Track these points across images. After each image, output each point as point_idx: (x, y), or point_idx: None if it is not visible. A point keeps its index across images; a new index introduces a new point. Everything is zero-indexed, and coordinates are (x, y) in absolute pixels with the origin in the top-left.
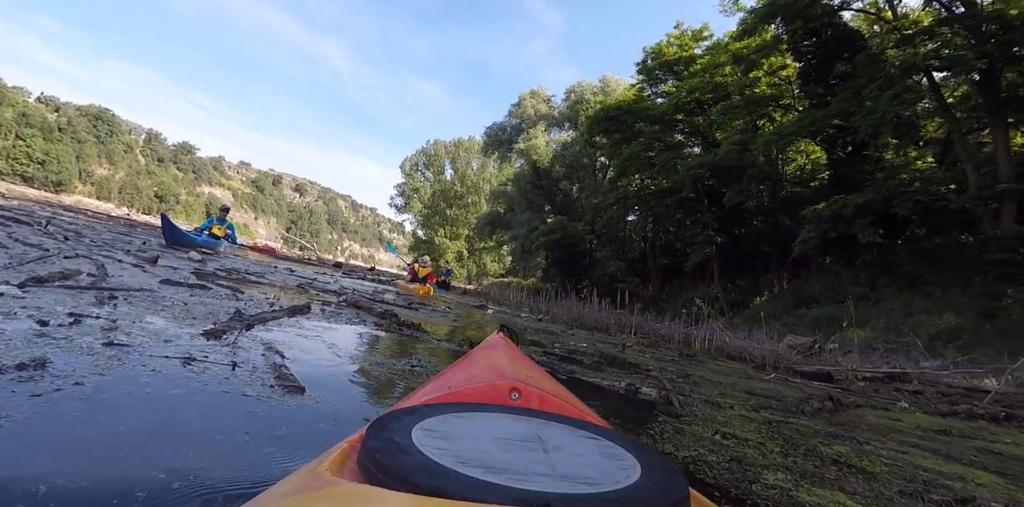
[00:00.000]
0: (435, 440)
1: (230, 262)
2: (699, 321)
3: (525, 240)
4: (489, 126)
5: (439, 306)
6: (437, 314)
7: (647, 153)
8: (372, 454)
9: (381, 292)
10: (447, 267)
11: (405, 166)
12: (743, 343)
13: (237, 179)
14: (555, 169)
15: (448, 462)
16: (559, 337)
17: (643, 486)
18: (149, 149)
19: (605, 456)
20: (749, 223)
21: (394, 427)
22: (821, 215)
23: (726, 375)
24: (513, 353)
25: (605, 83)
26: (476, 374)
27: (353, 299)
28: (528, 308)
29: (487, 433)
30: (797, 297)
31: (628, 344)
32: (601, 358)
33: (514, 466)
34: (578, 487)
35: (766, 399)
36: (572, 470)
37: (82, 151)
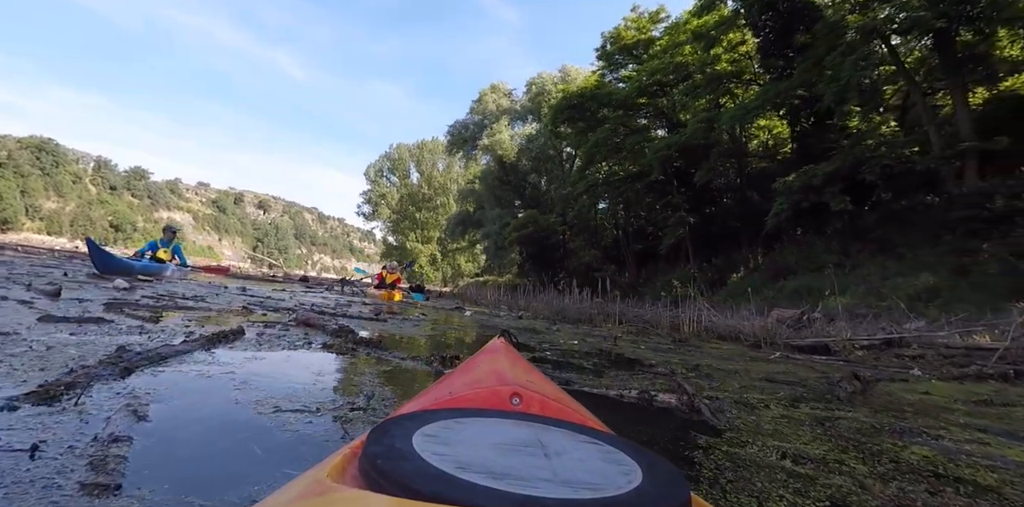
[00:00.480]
0: (436, 446)
1: (170, 287)
2: (679, 303)
3: (497, 237)
4: (451, 124)
5: (412, 314)
6: (409, 324)
7: (613, 139)
8: (373, 460)
9: (346, 304)
10: (420, 271)
11: (370, 172)
12: (731, 321)
13: (196, 201)
14: (522, 163)
15: (449, 468)
16: (545, 335)
17: (645, 490)
18: (100, 177)
19: (607, 461)
20: (719, 201)
21: (395, 433)
22: (792, 186)
23: (730, 359)
24: (514, 358)
25: (565, 73)
26: (477, 379)
27: (304, 317)
28: (507, 306)
29: (488, 438)
30: (774, 270)
31: (618, 335)
32: (599, 357)
33: (515, 471)
34: (580, 492)
35: (790, 387)
36: (574, 475)
37: (26, 185)
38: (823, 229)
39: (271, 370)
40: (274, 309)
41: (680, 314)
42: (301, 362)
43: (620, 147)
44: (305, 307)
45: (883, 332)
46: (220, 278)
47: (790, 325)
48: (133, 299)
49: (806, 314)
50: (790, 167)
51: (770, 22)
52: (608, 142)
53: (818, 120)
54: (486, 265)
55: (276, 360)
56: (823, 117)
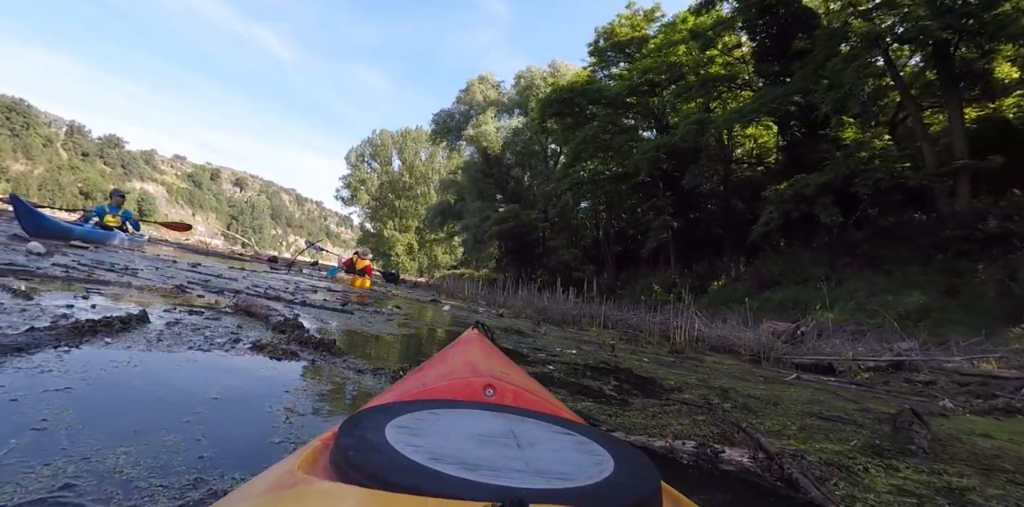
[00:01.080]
0: (409, 437)
1: (104, 256)
2: (658, 308)
3: (477, 230)
4: (437, 113)
5: (385, 305)
6: (380, 318)
7: (601, 136)
8: (345, 452)
9: (310, 290)
10: (397, 260)
11: (351, 157)
12: (723, 332)
13: (172, 174)
14: (506, 156)
15: (422, 459)
16: (534, 340)
17: (616, 480)
18: (72, 142)
19: (579, 451)
20: (703, 207)
21: (367, 424)
22: (783, 195)
23: (744, 379)
24: (488, 349)
25: (555, 68)
26: (450, 370)
27: (246, 303)
28: (485, 301)
29: (461, 430)
30: (758, 280)
31: (611, 342)
32: (609, 375)
33: (488, 462)
34: (552, 482)
35: (845, 426)
36: (546, 465)
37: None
38: (809, 241)
39: (135, 389)
40: (218, 290)
41: (671, 321)
42: (199, 375)
43: (608, 145)
44: (258, 290)
45: (890, 353)
46: (174, 252)
47: (785, 340)
48: (35, 267)
49: (800, 328)
50: (777, 176)
51: (767, 26)
52: (596, 139)
53: (810, 129)
54: (463, 258)
55: (162, 369)
56: (816, 126)
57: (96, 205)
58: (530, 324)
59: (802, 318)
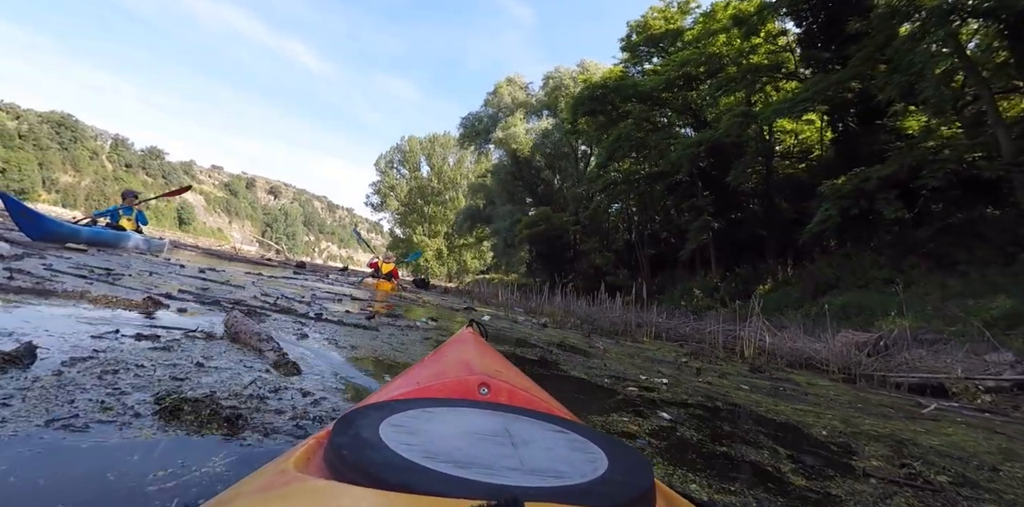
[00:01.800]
0: (403, 435)
1: (90, 259)
2: (698, 313)
3: (507, 234)
4: (465, 116)
5: (416, 315)
6: (414, 336)
7: (636, 134)
8: (339, 450)
9: (333, 298)
10: (426, 266)
11: (380, 163)
12: (798, 344)
13: (209, 183)
14: (535, 159)
15: (416, 457)
16: (601, 361)
17: (610, 478)
18: (116, 155)
19: (573, 449)
20: (744, 207)
21: (361, 423)
22: (841, 191)
23: (873, 412)
24: (482, 347)
25: (584, 68)
26: (445, 369)
27: (235, 323)
28: (521, 308)
29: (456, 428)
30: (813, 284)
31: (682, 359)
32: (747, 424)
33: (483, 460)
34: (546, 480)
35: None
36: (541, 464)
37: (44, 158)
38: (866, 241)
39: None
40: (212, 301)
41: (737, 331)
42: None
43: (643, 144)
44: (265, 300)
45: (1011, 371)
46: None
47: (869, 352)
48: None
49: (883, 339)
50: (827, 171)
51: (815, 10)
52: (630, 138)
53: (865, 120)
54: (493, 263)
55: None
56: (872, 116)
57: (110, 206)
58: (580, 336)
59: (870, 326)
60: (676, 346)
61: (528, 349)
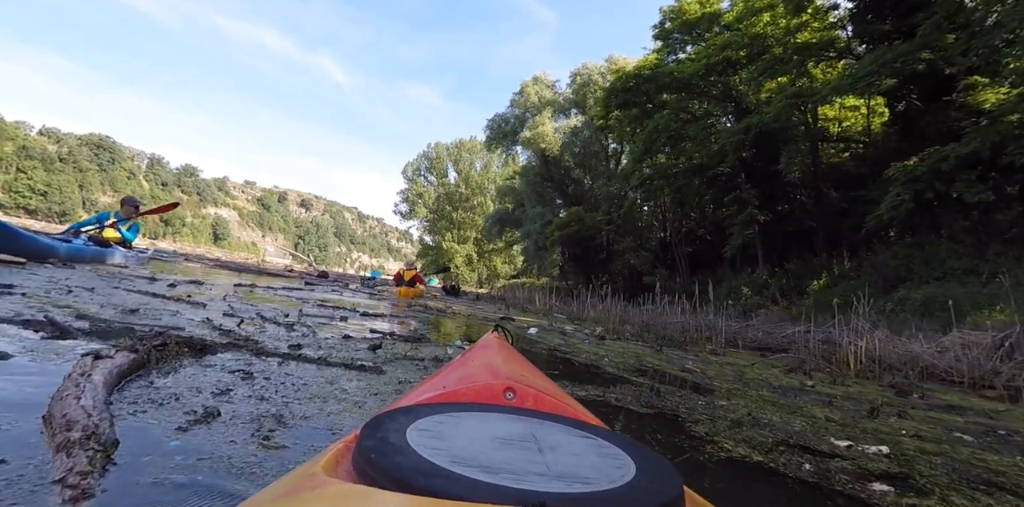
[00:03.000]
0: (430, 440)
1: (24, 276)
2: (747, 313)
3: (538, 236)
4: (491, 118)
5: (444, 334)
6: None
7: (672, 125)
8: (367, 454)
9: (336, 316)
10: (457, 272)
11: (407, 171)
12: (912, 347)
13: (242, 198)
14: (565, 158)
15: (443, 462)
16: (725, 399)
17: (638, 485)
18: (152, 174)
19: (600, 455)
20: (792, 198)
21: (389, 427)
22: (915, 173)
23: None
24: (507, 352)
25: (612, 62)
26: (471, 374)
27: (67, 392)
28: (564, 314)
29: (482, 433)
30: (882, 278)
31: (812, 383)
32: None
33: (509, 466)
34: (573, 486)
35: None
36: (567, 469)
37: (84, 180)
38: (936, 228)
39: None
40: (112, 331)
41: (839, 338)
42: None
43: (681, 135)
44: (221, 324)
45: None
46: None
47: (1002, 358)
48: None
49: (1008, 339)
50: (886, 156)
51: None
52: (669, 129)
53: (930, 97)
54: (523, 267)
55: None
56: (937, 93)
57: (101, 212)
58: (651, 351)
59: (960, 323)
60: (759, 357)
61: (617, 386)
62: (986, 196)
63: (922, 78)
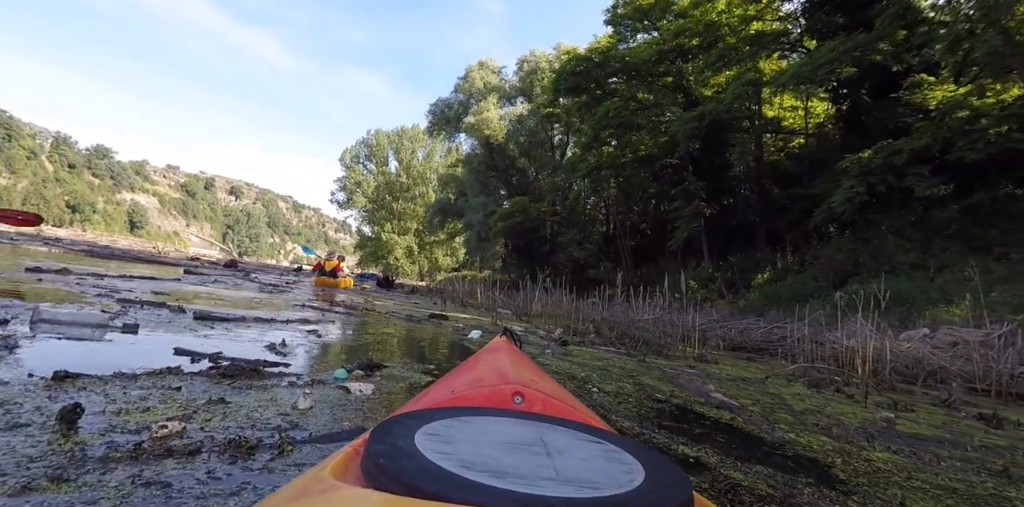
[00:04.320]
0: (438, 444)
1: None
2: (695, 306)
3: (481, 227)
4: (434, 103)
5: (332, 357)
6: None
7: (623, 112)
8: (375, 458)
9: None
10: (396, 264)
11: (345, 158)
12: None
13: (164, 184)
14: (510, 147)
15: (451, 466)
16: (810, 467)
17: (647, 489)
18: (57, 154)
19: (609, 460)
20: (736, 192)
21: (397, 432)
22: (869, 165)
23: None
24: (516, 356)
25: (561, 51)
26: (479, 378)
27: None
28: (509, 309)
29: (491, 437)
30: (829, 271)
31: (891, 416)
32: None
33: (518, 470)
34: (582, 491)
35: None
36: (576, 474)
37: None
38: (880, 224)
39: None
40: None
41: (846, 341)
42: None
43: (631, 123)
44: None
45: None
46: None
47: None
48: None
49: (1004, 336)
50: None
51: None
52: (619, 116)
53: (877, 93)
54: (465, 259)
55: None
56: (884, 89)
57: None
58: (633, 363)
59: (913, 317)
60: (747, 360)
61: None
62: (937, 190)
63: (870, 74)
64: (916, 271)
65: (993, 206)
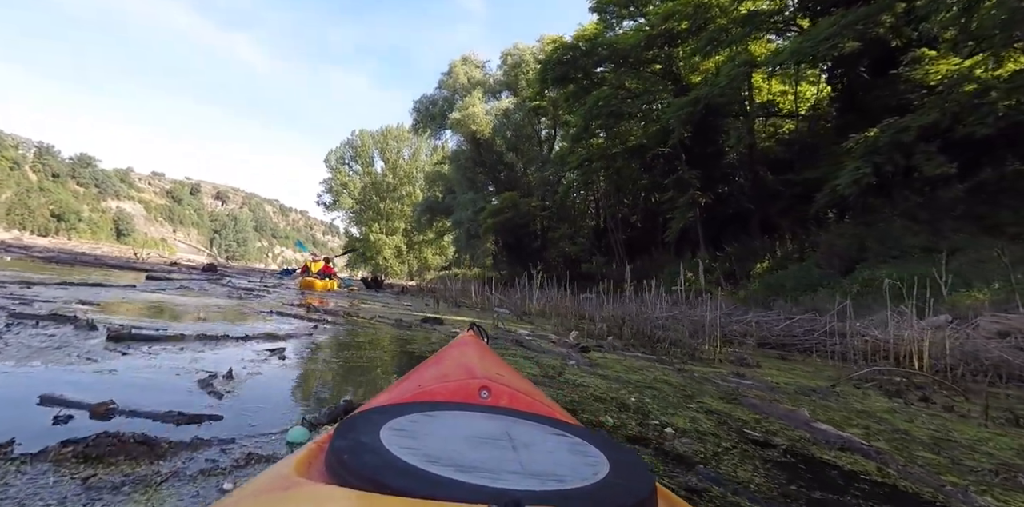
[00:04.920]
0: (404, 439)
1: None
2: (689, 298)
3: (470, 224)
4: (418, 100)
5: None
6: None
7: (612, 101)
8: (339, 454)
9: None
10: (385, 264)
11: (330, 159)
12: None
13: (149, 191)
14: (496, 142)
15: (417, 461)
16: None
17: (611, 482)
18: (41, 164)
19: (574, 453)
20: (731, 180)
21: (362, 427)
22: (876, 144)
23: None
24: (483, 351)
25: (545, 43)
26: (446, 372)
27: None
28: (507, 309)
29: (457, 432)
30: (833, 257)
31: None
32: None
33: (484, 464)
34: (547, 484)
35: None
36: (541, 467)
37: None
38: (882, 207)
39: None
40: None
41: (861, 329)
42: None
43: (621, 113)
44: None
45: None
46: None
47: None
48: None
49: None
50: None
51: None
52: (609, 104)
53: (876, 70)
54: (454, 257)
55: None
56: (883, 66)
57: None
58: (674, 373)
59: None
60: (795, 364)
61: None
62: (947, 169)
63: (869, 51)
64: (928, 255)
65: (1000, 183)
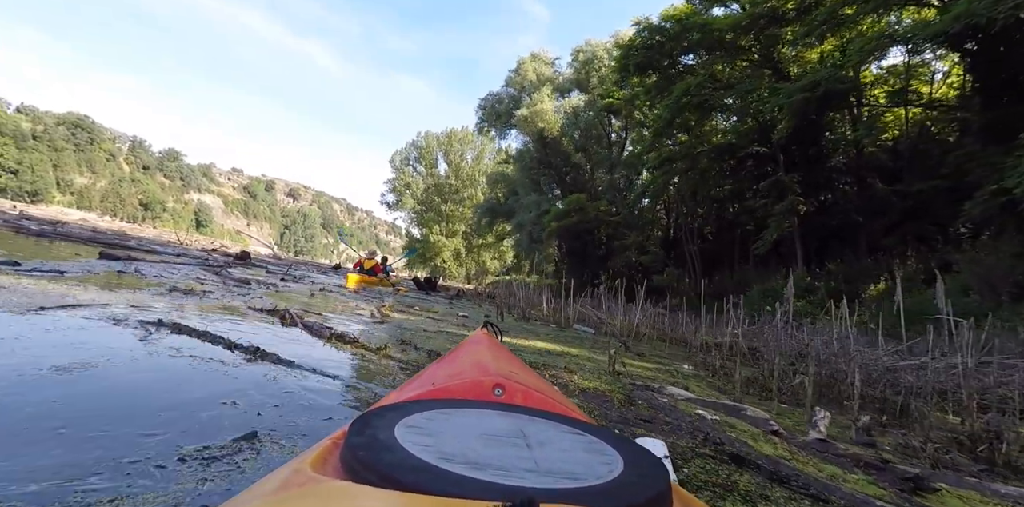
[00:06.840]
0: (419, 437)
1: None
2: (789, 321)
3: (533, 227)
4: (483, 97)
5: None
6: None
7: (702, 92)
8: (355, 451)
9: None
10: (444, 266)
11: (395, 160)
12: None
13: (228, 186)
14: (564, 142)
15: (431, 458)
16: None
17: (626, 480)
18: (133, 156)
19: (589, 451)
20: (835, 186)
21: (377, 424)
22: None
23: None
24: (497, 349)
25: (619, 39)
26: (460, 370)
27: None
28: (591, 328)
29: (471, 429)
30: (983, 282)
31: None
32: None
33: (498, 462)
34: (561, 482)
35: None
36: (556, 465)
37: (59, 160)
38: None
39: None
40: None
41: None
42: None
43: (710, 105)
44: None
45: None
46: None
47: None
48: None
49: None
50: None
51: None
52: (700, 95)
53: None
54: (513, 263)
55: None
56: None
57: None
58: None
59: None
60: None
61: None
62: None
63: None
64: None
65: None
